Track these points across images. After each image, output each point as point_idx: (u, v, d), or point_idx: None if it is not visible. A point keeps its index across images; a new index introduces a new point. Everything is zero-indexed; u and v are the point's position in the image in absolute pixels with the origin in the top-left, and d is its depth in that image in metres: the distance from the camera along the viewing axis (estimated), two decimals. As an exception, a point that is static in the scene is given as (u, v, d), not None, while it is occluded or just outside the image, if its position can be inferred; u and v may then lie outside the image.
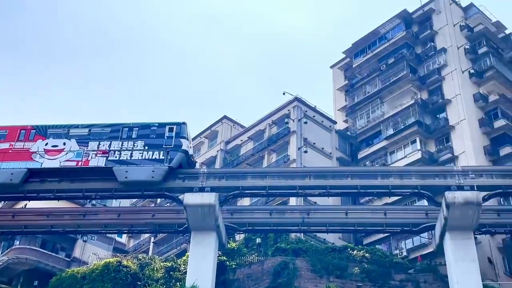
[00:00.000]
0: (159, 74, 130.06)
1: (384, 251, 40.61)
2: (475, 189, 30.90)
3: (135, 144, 34.02)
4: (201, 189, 32.70)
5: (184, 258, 38.83)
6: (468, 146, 44.48)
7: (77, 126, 35.35)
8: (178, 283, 36.04)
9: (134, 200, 53.21)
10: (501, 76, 49.37)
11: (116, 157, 33.66)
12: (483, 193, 31.05)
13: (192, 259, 32.77)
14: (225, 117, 58.60)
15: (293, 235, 40.80)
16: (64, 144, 34.36)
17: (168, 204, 46.31)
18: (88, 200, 45.68)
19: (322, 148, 49.44)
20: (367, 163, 49.34)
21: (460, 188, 31.05)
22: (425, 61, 52.19)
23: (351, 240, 45.48)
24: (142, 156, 33.49)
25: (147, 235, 53.12)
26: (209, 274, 31.75)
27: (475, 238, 33.08)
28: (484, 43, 51.56)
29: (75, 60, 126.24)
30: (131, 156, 33.60)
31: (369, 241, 44.42)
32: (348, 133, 52.99)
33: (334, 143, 51.34)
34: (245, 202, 46.76)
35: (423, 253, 40.73)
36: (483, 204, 30.87)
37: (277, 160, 48.58)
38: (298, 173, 34.94)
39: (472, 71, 49.78)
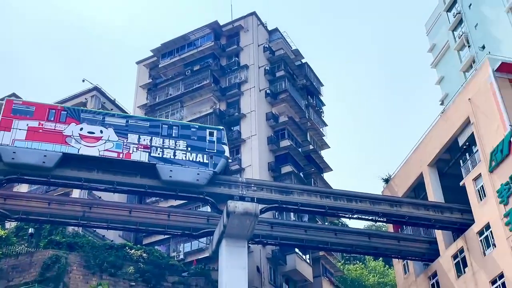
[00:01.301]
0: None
1: (162, 253, 40.91)
2: (255, 201, 32.67)
3: (177, 144, 32.68)
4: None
5: None
6: (254, 160, 47.13)
7: (112, 115, 33.69)
8: None
9: None
10: (292, 100, 53.35)
11: (158, 154, 32.02)
12: (261, 206, 32.96)
13: (-51, 244, 29.31)
14: (14, 94, 53.99)
15: (70, 228, 39.01)
16: (101, 132, 31.97)
17: None
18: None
19: (115, 143, 48.19)
20: (158, 164, 49.30)
21: (242, 198, 32.55)
22: (228, 74, 54.19)
23: (131, 239, 45.01)
24: (185, 157, 32.31)
25: None
26: (-32, 262, 28.69)
27: (248, 247, 34.94)
28: (282, 67, 55.29)
29: None
30: (174, 155, 32.27)
31: (149, 241, 44.39)
32: (144, 131, 52.42)
33: (128, 140, 50.39)
34: (23, 188, 43.47)
35: (199, 257, 41.96)
36: (260, 216, 32.77)
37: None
38: (85, 165, 32.95)
39: (268, 91, 53.00)
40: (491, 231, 31.86)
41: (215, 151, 33.04)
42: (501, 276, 30.41)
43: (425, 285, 37.61)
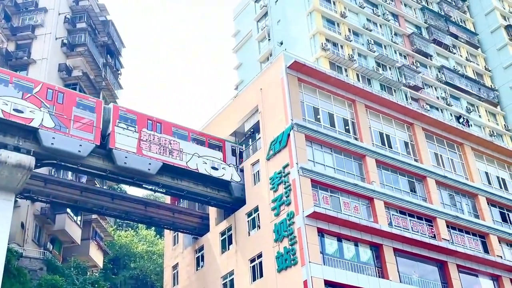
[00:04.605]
0: None
1: None
2: (32, 154, 30.61)
3: None
4: None
5: None
6: (38, 111, 43.98)
7: None
8: None
9: None
10: (90, 55, 50.91)
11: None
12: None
13: None
14: None
15: None
16: None
17: None
18: None
19: None
20: None
21: (17, 149, 30.29)
22: (23, 13, 49.77)
23: None
24: None
25: None
26: None
27: (16, 201, 32.69)
28: (84, 20, 52.43)
29: None
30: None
31: None
32: None
33: None
34: None
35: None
36: (34, 171, 30.81)
37: None
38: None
39: (65, 41, 49.87)
40: (258, 214, 34.33)
41: None
42: (259, 255, 33.00)
43: (190, 257, 39.17)
